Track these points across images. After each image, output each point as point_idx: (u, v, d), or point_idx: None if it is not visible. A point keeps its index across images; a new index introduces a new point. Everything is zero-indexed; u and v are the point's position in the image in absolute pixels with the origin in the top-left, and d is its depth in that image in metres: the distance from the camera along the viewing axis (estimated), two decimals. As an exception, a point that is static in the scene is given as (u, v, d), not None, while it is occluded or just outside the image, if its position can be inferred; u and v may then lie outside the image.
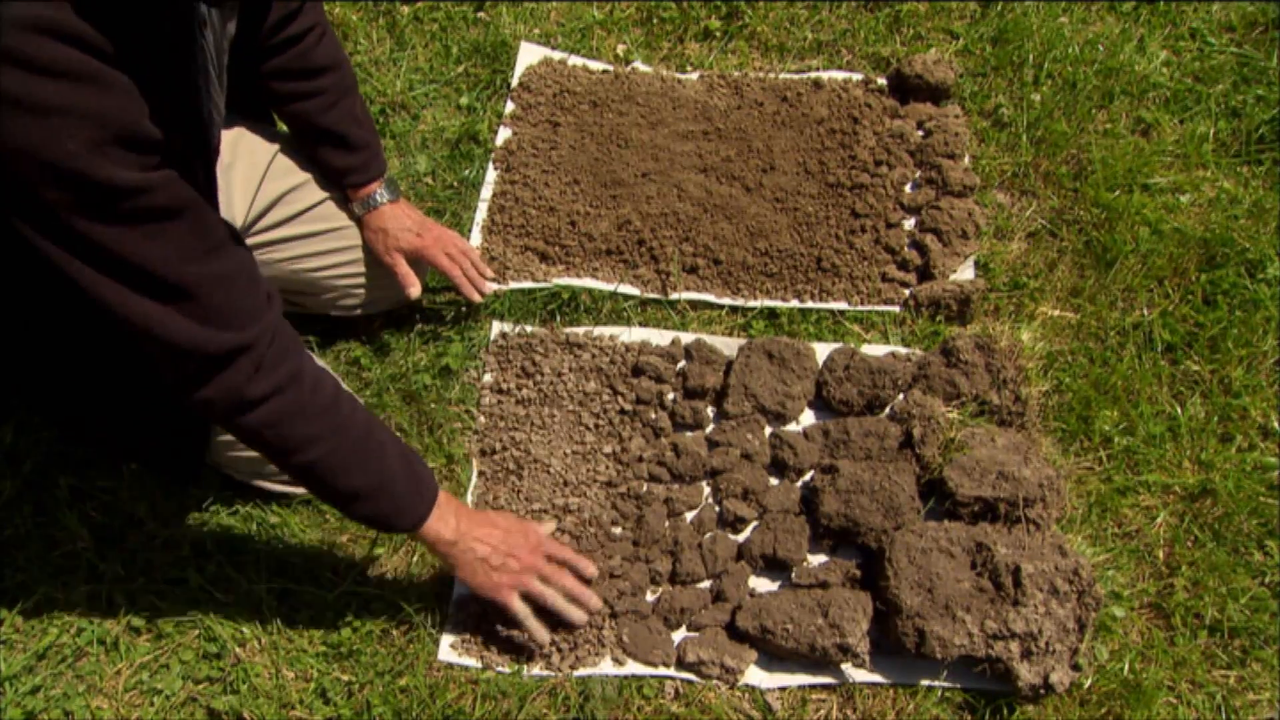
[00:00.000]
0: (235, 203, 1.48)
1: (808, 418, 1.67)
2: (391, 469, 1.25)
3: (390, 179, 1.63)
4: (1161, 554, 1.55)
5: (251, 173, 1.50)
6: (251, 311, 1.09)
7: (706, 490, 1.60)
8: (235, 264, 1.07)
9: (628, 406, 1.66)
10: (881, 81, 2.09)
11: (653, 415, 1.66)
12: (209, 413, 1.11)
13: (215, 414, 1.11)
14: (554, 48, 2.18)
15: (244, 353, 1.08)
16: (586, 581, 1.47)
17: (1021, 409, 1.62)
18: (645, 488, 1.59)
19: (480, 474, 1.63)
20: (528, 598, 1.40)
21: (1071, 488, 1.59)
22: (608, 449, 1.63)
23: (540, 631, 1.42)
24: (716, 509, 1.58)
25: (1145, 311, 1.77)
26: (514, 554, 1.38)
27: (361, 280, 1.66)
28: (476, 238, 1.89)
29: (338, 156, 1.56)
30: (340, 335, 1.77)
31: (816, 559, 1.53)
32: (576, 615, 1.43)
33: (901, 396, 1.65)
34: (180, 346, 1.03)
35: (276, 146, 1.56)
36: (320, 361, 1.45)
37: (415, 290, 1.64)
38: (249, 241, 1.50)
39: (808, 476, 1.61)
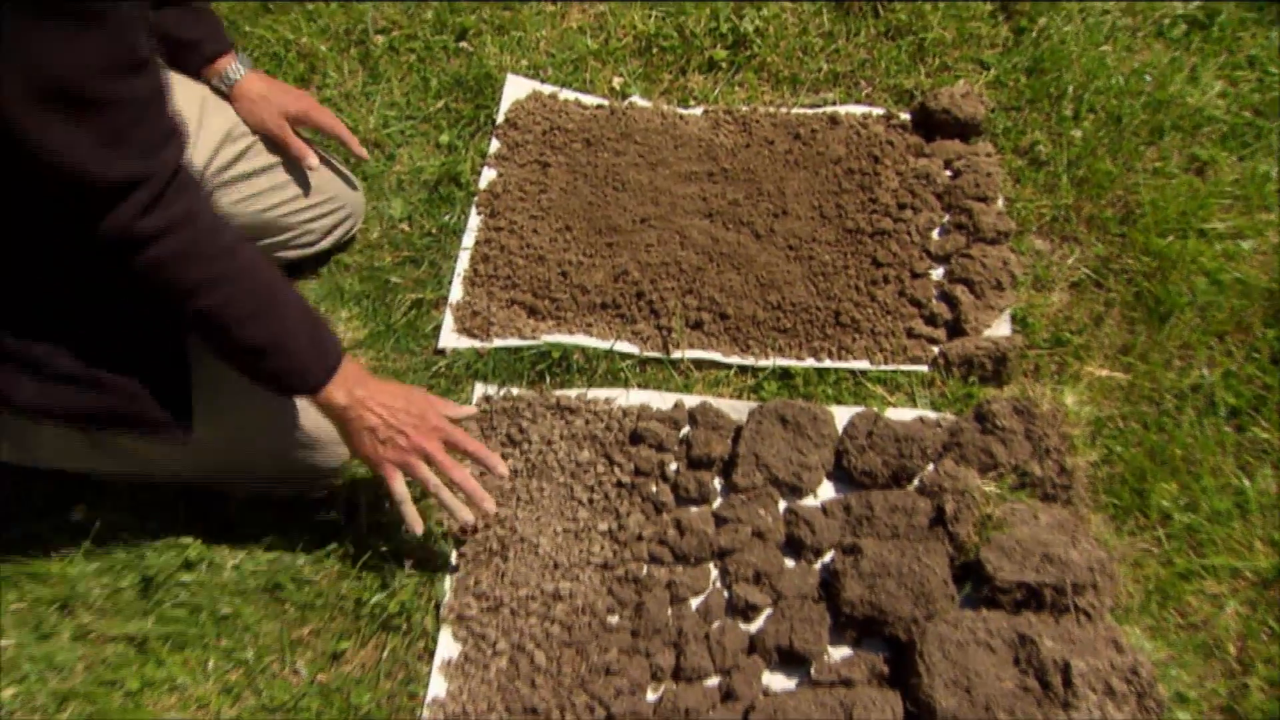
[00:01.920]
0: (200, 147, 1.59)
1: (827, 491, 1.67)
2: (293, 327, 1.31)
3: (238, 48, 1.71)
4: (1233, 649, 1.52)
5: (190, 111, 1.58)
6: (155, 143, 1.14)
7: (714, 573, 1.59)
8: (150, 90, 1.13)
9: (625, 478, 1.66)
10: (905, 116, 2.10)
11: (653, 488, 1.66)
12: (102, 250, 1.15)
13: (107, 250, 1.15)
14: (543, 81, 2.20)
15: (140, 185, 1.13)
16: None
17: (1067, 482, 1.61)
18: (645, 570, 1.59)
19: (459, 555, 1.62)
20: (412, 478, 1.44)
21: (1126, 572, 1.57)
22: (603, 526, 1.62)
23: (415, 519, 1.46)
24: (725, 595, 1.57)
25: (1205, 371, 1.77)
26: (403, 430, 1.42)
27: (309, 209, 1.80)
28: (458, 290, 1.91)
29: (186, 25, 1.62)
30: None
31: (838, 652, 1.51)
32: (463, 514, 1.49)
33: (931, 467, 1.64)
34: (78, 170, 1.07)
35: (203, 89, 1.67)
36: None
37: (313, 160, 1.75)
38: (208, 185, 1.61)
39: (827, 557, 1.60)
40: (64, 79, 1.03)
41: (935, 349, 1.81)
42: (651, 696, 1.49)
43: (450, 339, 1.85)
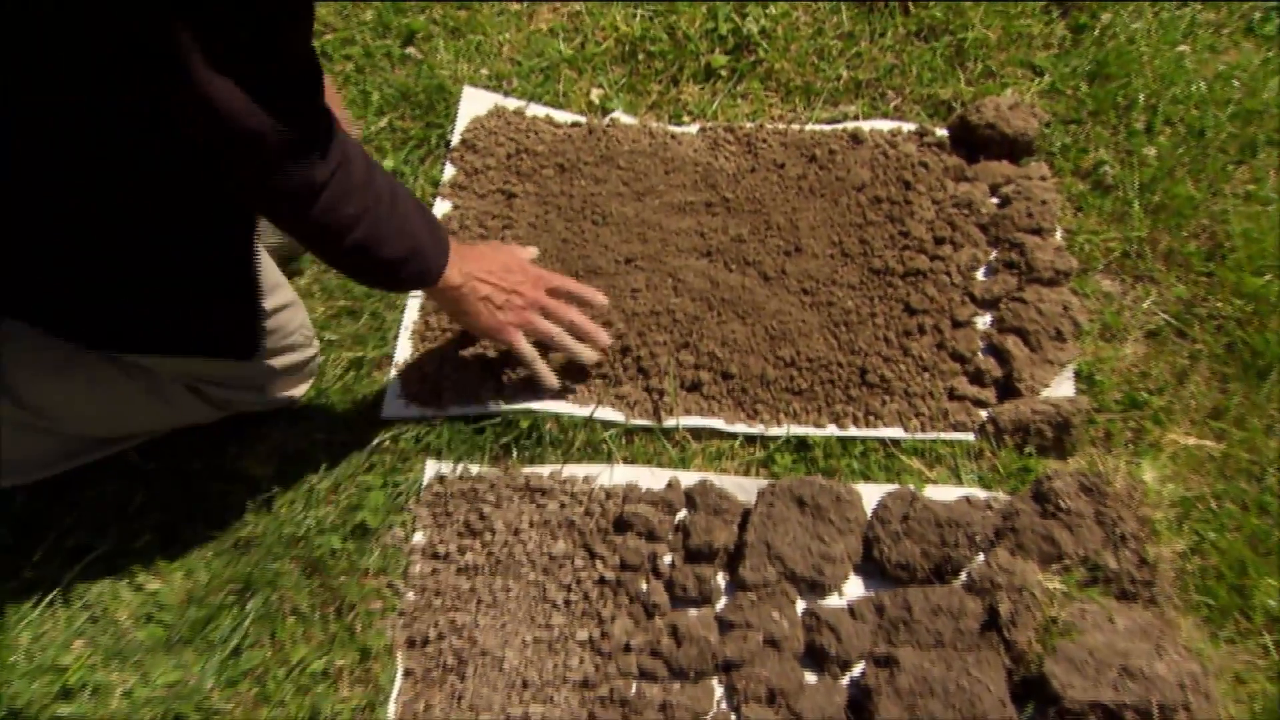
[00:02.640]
0: None
1: (854, 588, 1.67)
2: (419, 229, 1.53)
3: None
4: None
5: None
6: (320, 86, 1.31)
7: (718, 691, 1.58)
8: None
9: (609, 575, 1.66)
10: (941, 133, 2.11)
11: (643, 586, 1.66)
12: (281, 209, 1.36)
13: (286, 208, 1.35)
14: (507, 93, 2.21)
15: (316, 136, 1.31)
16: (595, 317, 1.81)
17: (1149, 577, 1.60)
18: (634, 689, 1.57)
19: (407, 673, 1.61)
20: (536, 336, 1.74)
21: (1225, 690, 1.55)
22: (582, 635, 1.62)
23: (549, 374, 1.77)
24: (732, 718, 1.54)
25: (1316, 438, 1.77)
26: (518, 290, 1.71)
27: None
28: (405, 348, 1.91)
29: None
30: (214, 475, 1.80)
31: (872, 791, 1.49)
32: (588, 354, 1.79)
33: (981, 559, 1.64)
34: (296, 133, 1.26)
35: None
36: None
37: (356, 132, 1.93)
38: None
39: (857, 671, 1.58)
40: (300, 54, 1.24)
41: (983, 413, 1.81)
42: None
43: (396, 407, 1.85)
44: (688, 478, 1.76)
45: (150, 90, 1.15)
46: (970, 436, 1.79)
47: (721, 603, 1.66)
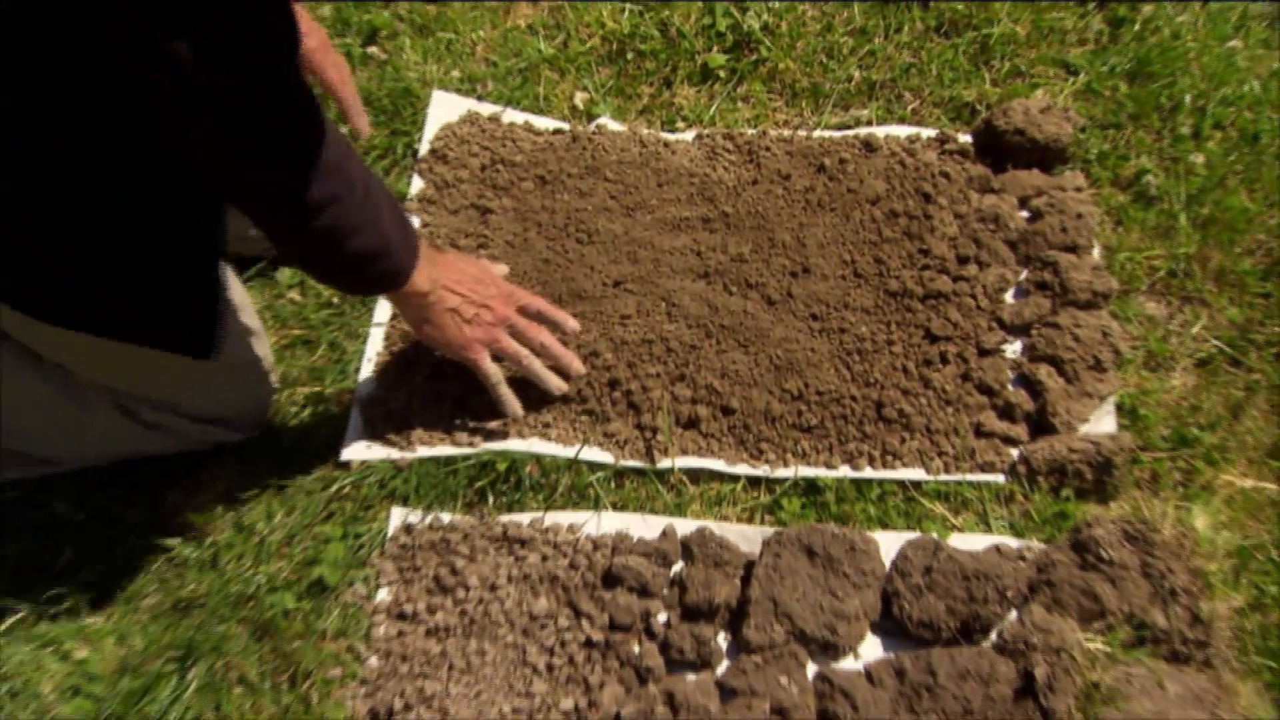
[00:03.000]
0: None
1: (871, 649, 1.66)
2: (389, 226, 1.55)
3: None
4: None
5: None
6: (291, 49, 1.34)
7: (720, 768, 1.58)
8: None
9: (597, 635, 1.66)
10: (965, 139, 2.11)
11: (635, 648, 1.65)
12: (245, 178, 1.38)
13: (250, 178, 1.38)
14: (481, 97, 2.22)
15: (286, 102, 1.35)
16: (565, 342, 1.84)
17: (1203, 636, 1.59)
18: (626, 765, 1.56)
19: (369, 751, 1.61)
20: (500, 358, 1.77)
21: (1290, 762, 1.56)
22: (567, 704, 1.61)
23: (513, 400, 1.80)
24: (736, 797, 1.54)
25: (1389, 480, 1.77)
26: (488, 304, 1.73)
27: None
28: (368, 381, 1.92)
29: None
30: (153, 527, 1.78)
31: None
32: (555, 383, 1.82)
33: (1014, 616, 1.63)
34: (264, 95, 1.30)
35: None
36: None
37: (364, 125, 2.04)
38: None
39: (876, 743, 1.59)
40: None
41: (1014, 452, 1.80)
42: None
43: (357, 448, 1.85)
44: (684, 526, 1.75)
45: (110, 39, 1.19)
46: (1000, 478, 1.79)
47: (723, 666, 1.65)
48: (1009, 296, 1.95)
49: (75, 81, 1.28)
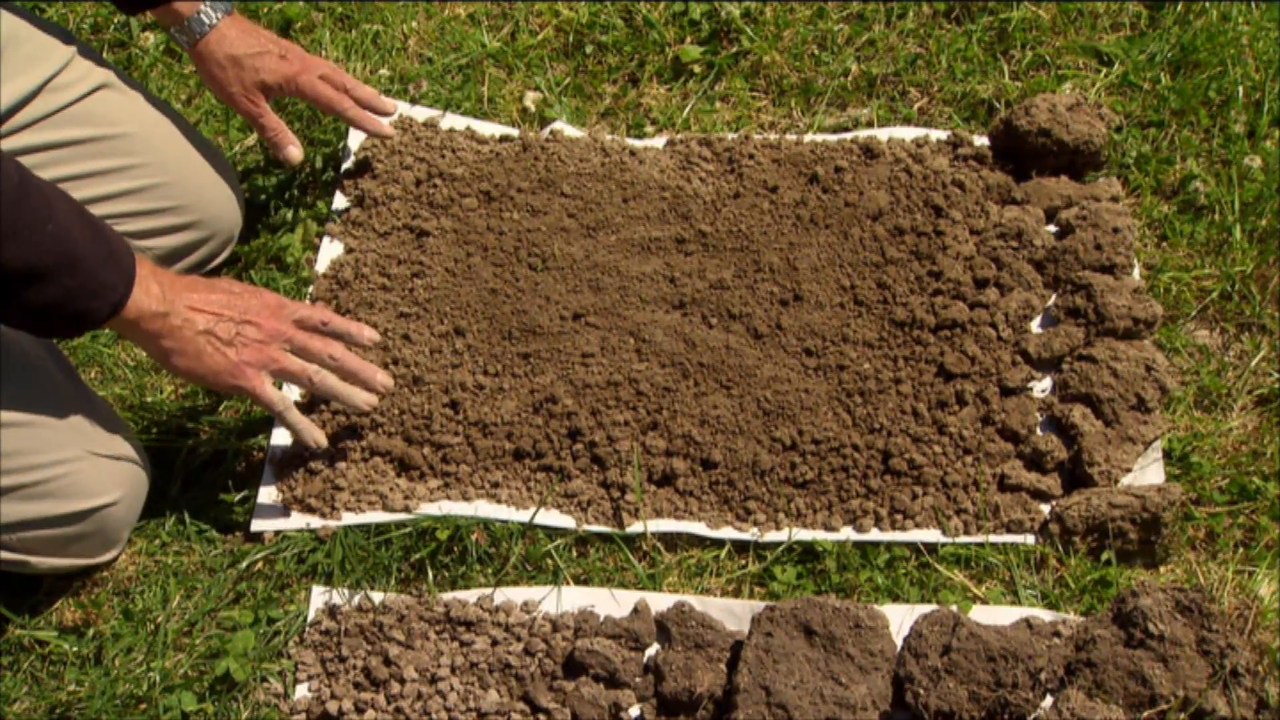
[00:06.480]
0: None
1: (882, 744, 1.65)
2: (69, 230, 1.43)
3: None
4: None
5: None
6: None
7: None
8: None
9: (558, 734, 1.66)
10: (980, 142, 2.10)
11: (603, 750, 1.64)
12: None
13: None
14: (415, 100, 2.21)
15: None
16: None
17: (1272, 723, 1.59)
18: None
19: None
20: (285, 379, 1.69)
21: None
22: (524, 819, 1.62)
23: (310, 427, 1.71)
24: None
25: None
26: (249, 319, 1.62)
27: (147, 217, 1.88)
28: (284, 436, 1.86)
29: None
30: (29, 619, 1.73)
31: None
32: (360, 397, 1.72)
33: (1049, 703, 1.58)
34: None
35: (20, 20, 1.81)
36: None
37: (296, 151, 1.98)
38: None
39: None
40: None
41: (1045, 509, 1.78)
42: None
43: (271, 515, 1.81)
44: (660, 601, 1.72)
45: None
46: (1029, 539, 1.77)
47: (708, 770, 1.64)
48: (1035, 325, 1.94)
49: None
